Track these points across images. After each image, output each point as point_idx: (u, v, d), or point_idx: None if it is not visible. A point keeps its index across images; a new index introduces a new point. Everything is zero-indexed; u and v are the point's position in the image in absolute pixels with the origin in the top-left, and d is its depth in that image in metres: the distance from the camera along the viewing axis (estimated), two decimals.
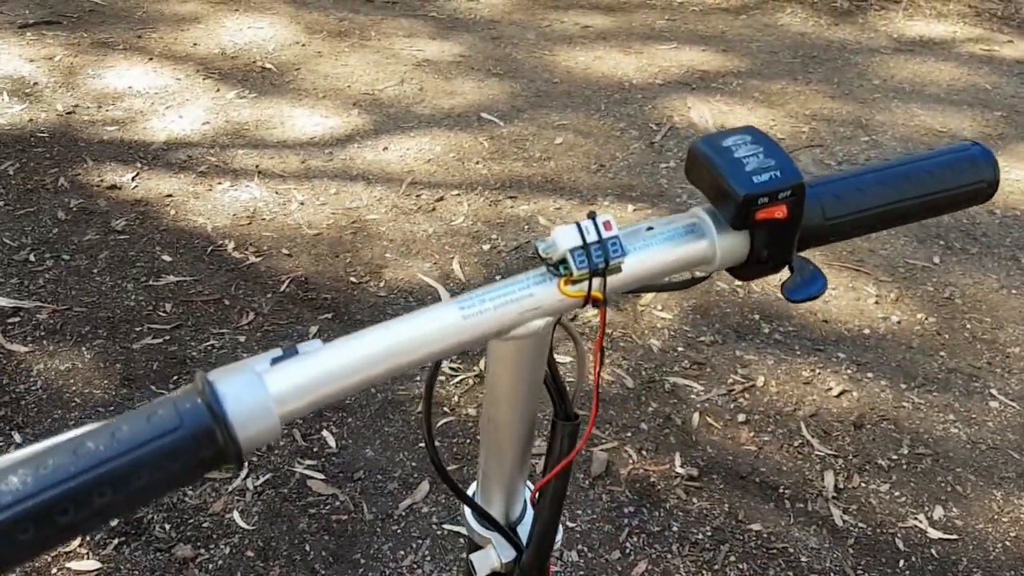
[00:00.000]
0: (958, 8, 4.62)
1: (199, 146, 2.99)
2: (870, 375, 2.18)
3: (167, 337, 2.15)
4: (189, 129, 3.08)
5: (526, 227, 2.64)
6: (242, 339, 2.17)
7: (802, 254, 0.57)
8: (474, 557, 0.68)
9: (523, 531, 0.69)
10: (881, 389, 2.13)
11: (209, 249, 2.49)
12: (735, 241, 0.54)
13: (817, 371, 2.18)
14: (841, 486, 1.87)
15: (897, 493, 1.85)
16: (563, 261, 0.50)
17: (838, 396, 2.11)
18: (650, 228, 0.54)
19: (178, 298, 2.29)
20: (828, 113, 3.46)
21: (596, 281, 0.50)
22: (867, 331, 2.32)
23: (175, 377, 2.04)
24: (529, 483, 0.72)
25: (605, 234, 0.50)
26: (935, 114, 3.49)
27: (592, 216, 0.50)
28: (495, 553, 0.68)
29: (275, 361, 0.44)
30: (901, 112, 3.50)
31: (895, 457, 1.95)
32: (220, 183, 2.80)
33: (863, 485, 1.87)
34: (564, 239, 0.50)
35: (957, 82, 3.78)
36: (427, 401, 0.64)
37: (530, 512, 0.70)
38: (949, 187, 0.60)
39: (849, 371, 2.19)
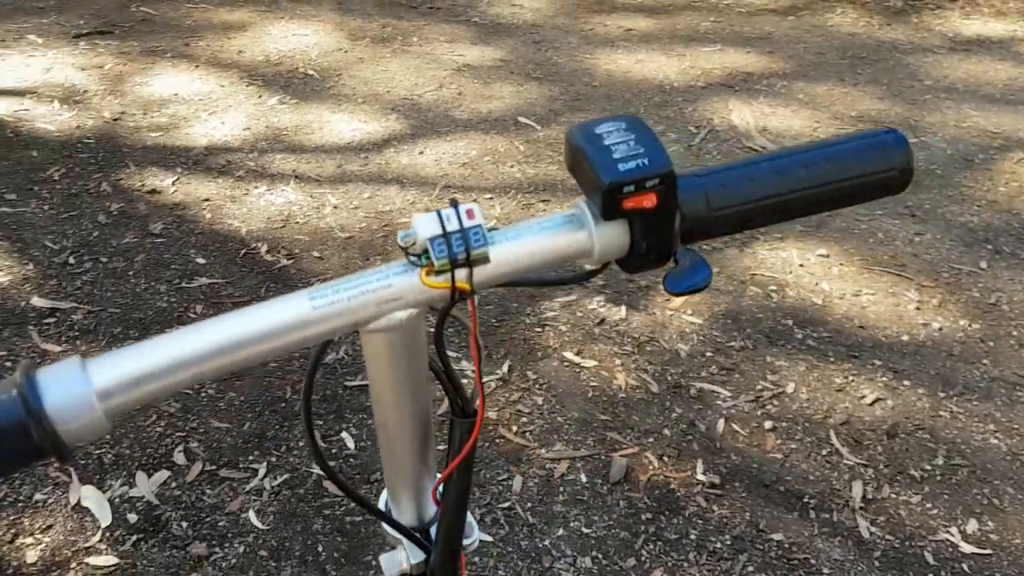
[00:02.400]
0: (1018, 6, 4.46)
1: (238, 151, 3.04)
2: (907, 383, 2.10)
3: None
4: (230, 135, 3.13)
5: None
6: None
7: (692, 247, 0.55)
8: (383, 558, 0.67)
9: (436, 532, 0.67)
10: (918, 397, 2.06)
11: (242, 252, 2.53)
12: (613, 232, 0.52)
13: (851, 378, 2.11)
14: (870, 496, 1.81)
15: (929, 505, 1.78)
16: (425, 252, 0.49)
17: (871, 404, 2.04)
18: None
19: (209, 300, 2.33)
20: (876, 114, 3.37)
21: (463, 272, 0.49)
22: (906, 338, 2.24)
23: None
24: None
25: (467, 223, 0.49)
26: (989, 115, 3.37)
27: (454, 204, 0.49)
28: (404, 554, 0.66)
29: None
30: (953, 113, 3.39)
31: (929, 468, 1.87)
32: (257, 187, 2.84)
33: (893, 496, 1.81)
34: (424, 228, 0.48)
35: (1014, 82, 3.64)
36: (306, 397, 0.60)
37: None
38: (854, 175, 0.56)
39: (885, 379, 2.11)
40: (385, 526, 0.66)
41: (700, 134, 3.18)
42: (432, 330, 0.53)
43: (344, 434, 1.92)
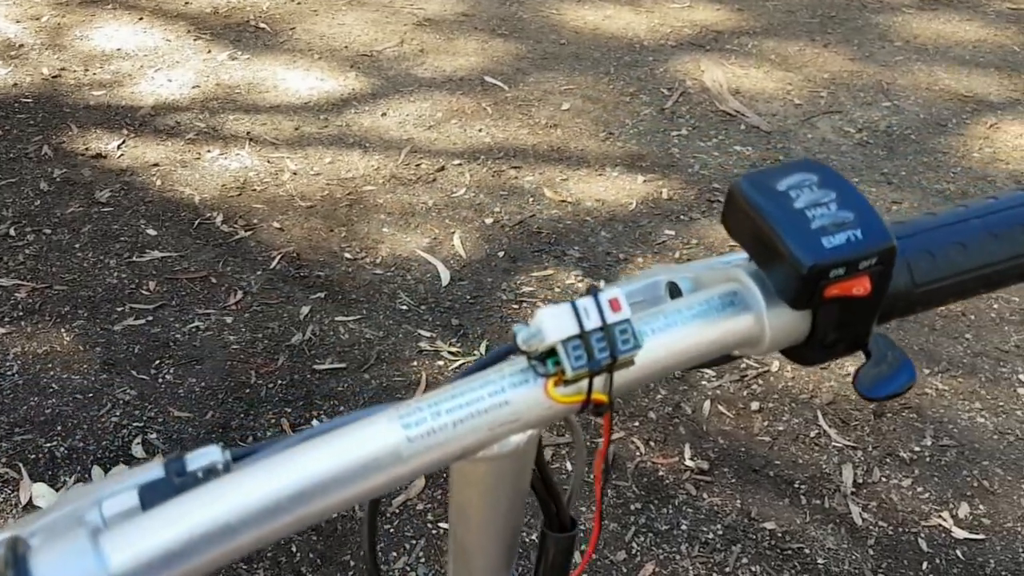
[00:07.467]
0: None
1: (188, 111, 2.86)
2: None
3: (150, 318, 2.05)
4: (178, 93, 2.95)
5: (531, 199, 2.52)
6: (229, 320, 2.06)
7: (880, 330, 0.43)
8: None
9: None
10: None
11: (196, 222, 2.38)
12: (792, 319, 0.40)
13: None
14: (860, 481, 1.77)
15: (920, 489, 1.75)
16: (552, 354, 0.36)
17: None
18: (672, 286, 0.41)
19: (162, 275, 2.18)
20: (847, 77, 3.30)
21: (600, 380, 0.36)
22: None
23: (156, 361, 1.93)
24: None
25: (611, 317, 0.36)
26: (960, 77, 3.33)
27: (593, 292, 0.36)
28: None
29: (146, 493, 0.31)
30: (924, 75, 3.34)
31: (918, 449, 1.84)
32: (209, 151, 2.67)
33: (884, 480, 1.77)
34: (554, 326, 0.35)
35: (983, 43, 3.60)
36: (370, 538, 0.50)
37: None
38: None
39: None
40: None
41: (673, 96, 3.08)
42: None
43: (315, 422, 1.82)
